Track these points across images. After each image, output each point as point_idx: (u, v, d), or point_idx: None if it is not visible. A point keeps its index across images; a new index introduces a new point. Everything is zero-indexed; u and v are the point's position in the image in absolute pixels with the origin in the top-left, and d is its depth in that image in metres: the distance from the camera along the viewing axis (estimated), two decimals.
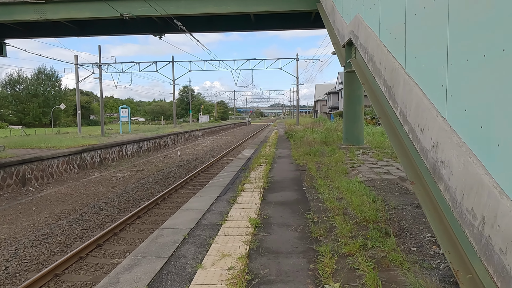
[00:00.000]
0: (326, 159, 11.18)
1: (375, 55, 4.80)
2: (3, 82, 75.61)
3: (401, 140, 4.06)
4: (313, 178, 8.42)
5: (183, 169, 17.73)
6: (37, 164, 14.16)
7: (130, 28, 16.05)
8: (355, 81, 14.24)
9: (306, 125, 29.50)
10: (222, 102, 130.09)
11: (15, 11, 13.43)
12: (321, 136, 17.39)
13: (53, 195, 12.30)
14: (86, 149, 17.70)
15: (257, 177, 8.69)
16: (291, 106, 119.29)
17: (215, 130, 51.39)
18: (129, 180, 15.08)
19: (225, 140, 37.08)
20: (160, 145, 28.43)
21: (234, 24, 15.63)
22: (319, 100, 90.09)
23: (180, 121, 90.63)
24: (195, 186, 13.80)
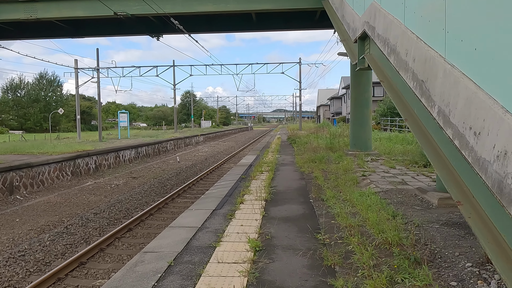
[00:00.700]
0: (333, 167, 10.36)
1: (400, 45, 4.00)
2: (4, 87, 75.32)
3: (437, 148, 3.24)
4: (321, 189, 7.60)
5: (182, 176, 16.92)
6: (26, 171, 13.39)
7: (126, 29, 15.36)
8: (362, 83, 13.47)
9: (309, 130, 28.68)
10: (224, 107, 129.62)
11: (4, 10, 12.75)
12: (326, 142, 16.57)
13: (40, 205, 11.51)
14: (80, 155, 16.94)
15: (258, 187, 7.88)
16: (293, 112, 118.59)
17: (217, 136, 50.65)
18: (124, 188, 14.28)
19: (226, 145, 36.29)
20: (159, 151, 27.66)
21: (234, 24, 14.90)
22: (321, 105, 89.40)
23: (182, 126, 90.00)
24: (193, 195, 12.99)
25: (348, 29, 7.02)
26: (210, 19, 14.89)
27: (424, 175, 8.70)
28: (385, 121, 30.38)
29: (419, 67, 3.43)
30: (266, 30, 15.36)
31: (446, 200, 5.78)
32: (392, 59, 4.27)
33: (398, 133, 22.35)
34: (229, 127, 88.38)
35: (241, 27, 15.01)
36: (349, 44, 7.55)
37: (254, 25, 14.90)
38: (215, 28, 15.20)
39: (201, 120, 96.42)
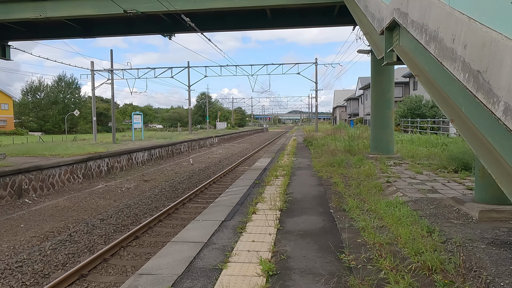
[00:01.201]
0: (353, 172, 9.63)
1: (443, 30, 3.31)
2: (24, 89, 76.75)
3: (501, 160, 2.54)
4: (341, 197, 6.90)
5: (194, 180, 16.42)
6: (35, 174, 13.08)
7: (137, 28, 14.95)
8: (384, 82, 12.67)
9: (326, 132, 27.87)
10: (239, 109, 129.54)
11: (14, 10, 12.49)
12: (345, 144, 15.79)
13: (48, 209, 11.14)
14: (92, 157, 16.62)
15: (272, 194, 7.24)
16: (309, 113, 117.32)
17: (232, 137, 50.18)
18: (134, 191, 13.84)
19: (241, 147, 35.75)
20: (173, 153, 27.30)
21: (248, 21, 14.30)
22: (338, 107, 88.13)
23: (198, 128, 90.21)
24: (205, 199, 12.45)
25: (373, 20, 6.32)
26: (223, 16, 14.34)
27: (455, 182, 7.90)
28: (405, 122, 29.30)
29: (473, 54, 2.74)
30: (281, 28, 14.72)
31: (489, 213, 5.02)
32: (432, 48, 3.57)
33: (420, 135, 21.35)
34: (244, 128, 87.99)
35: (255, 25, 14.41)
36: (373, 37, 6.85)
37: (269, 22, 14.27)
38: (228, 26, 14.64)
39: (216, 122, 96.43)
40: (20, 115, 74.94)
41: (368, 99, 51.09)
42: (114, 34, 15.25)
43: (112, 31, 15.13)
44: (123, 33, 15.23)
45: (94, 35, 15.16)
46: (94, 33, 15.11)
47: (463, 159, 9.30)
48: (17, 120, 74.41)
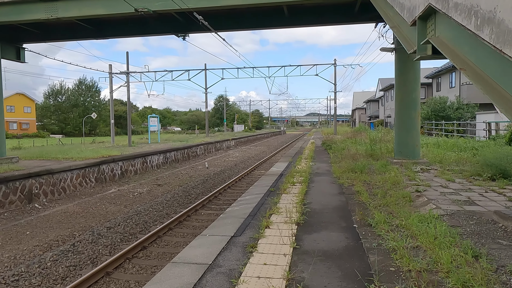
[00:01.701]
0: (378, 179, 8.86)
1: (503, 8, 2.60)
2: (46, 93, 78.44)
3: None
4: (366, 208, 6.19)
5: (208, 184, 15.89)
6: (46, 178, 12.80)
7: (150, 28, 14.57)
8: (409, 81, 11.85)
9: (345, 135, 26.95)
10: (257, 111, 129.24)
11: (25, 11, 12.28)
12: (366, 148, 14.96)
13: (56, 215, 10.78)
14: (105, 161, 16.32)
15: (288, 204, 6.58)
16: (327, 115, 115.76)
17: (249, 140, 49.65)
18: (147, 196, 13.40)
19: (257, 150, 35.14)
20: (188, 156, 26.92)
21: (264, 20, 13.69)
22: (357, 109, 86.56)
23: (215, 130, 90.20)
24: (218, 206, 11.88)
25: (402, 10, 5.60)
26: (238, 15, 13.78)
27: (494, 192, 7.06)
28: (429, 124, 28.10)
29: None
30: (299, 26, 14.05)
31: None
32: (486, 33, 2.86)
33: (446, 138, 20.23)
34: (262, 131, 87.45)
35: (271, 23, 13.79)
36: (401, 30, 6.12)
37: (286, 20, 13.63)
38: (243, 25, 14.07)
39: (234, 124, 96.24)
40: (42, 118, 76.55)
41: (389, 101, 49.65)
42: (127, 35, 14.90)
43: (125, 32, 14.79)
44: (136, 34, 14.87)
45: (106, 36, 14.86)
46: (107, 34, 14.79)
47: (500, 165, 8.42)
48: (39, 123, 76.01)
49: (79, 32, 14.90)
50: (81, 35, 15.04)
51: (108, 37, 14.98)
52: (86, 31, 14.74)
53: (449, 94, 30.43)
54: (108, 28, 14.70)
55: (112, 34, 14.89)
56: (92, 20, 14.23)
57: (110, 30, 14.77)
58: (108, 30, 14.76)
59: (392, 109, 47.20)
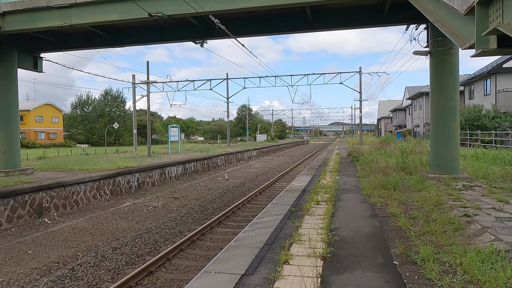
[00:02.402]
0: (415, 197, 7.74)
1: None
2: (73, 103, 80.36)
3: None
4: (406, 237, 5.14)
5: (227, 198, 15.04)
6: (58, 191, 12.28)
7: (167, 35, 14.02)
8: (447, 87, 10.68)
9: (372, 145, 25.60)
10: (279, 120, 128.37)
11: (38, 18, 11.96)
12: (397, 161, 13.74)
13: (64, 231, 10.16)
14: (121, 173, 15.77)
15: (312, 230, 5.61)
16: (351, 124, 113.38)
17: (271, 150, 48.70)
18: (161, 211, 12.67)
19: (280, 161, 34.13)
20: (208, 167, 26.23)
21: (286, 24, 12.85)
22: (383, 118, 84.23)
23: (238, 140, 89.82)
24: (236, 223, 11.00)
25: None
26: (257, 19, 13.01)
27: None
28: (463, 134, 26.38)
29: None
30: (323, 29, 13.13)
31: None
32: None
33: (485, 149, 18.66)
34: (284, 140, 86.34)
35: (293, 27, 12.93)
36: (448, 24, 5.11)
37: (309, 24, 12.74)
38: (263, 30, 13.28)
39: (256, 134, 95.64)
40: (69, 128, 78.29)
41: (417, 110, 47.69)
42: (143, 42, 14.40)
43: (142, 39, 14.29)
44: (153, 41, 14.35)
45: (123, 44, 14.41)
46: (123, 42, 14.34)
47: None
48: (67, 133, 77.75)
49: (96, 40, 14.52)
50: (98, 43, 14.65)
51: (125, 44, 14.53)
52: (102, 39, 14.34)
53: (483, 102, 28.59)
54: (125, 36, 14.25)
55: (129, 42, 14.43)
56: (108, 27, 13.82)
57: (126, 38, 14.31)
58: (125, 37, 14.31)
59: (421, 118, 45.25)
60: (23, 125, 68.83)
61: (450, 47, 10.41)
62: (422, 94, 41.80)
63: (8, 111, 13.86)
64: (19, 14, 12.10)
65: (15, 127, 14.12)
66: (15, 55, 14.10)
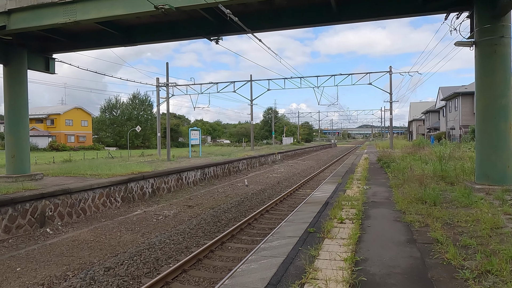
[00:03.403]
0: (461, 216, 6.31)
1: None
2: (102, 107, 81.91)
3: None
4: (460, 279, 3.79)
5: (244, 206, 13.91)
6: (63, 199, 11.54)
7: (180, 32, 13.10)
8: (497, 83, 9.09)
9: (404, 150, 23.75)
10: (306, 123, 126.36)
11: (44, 15, 11.34)
12: (434, 168, 12.14)
13: (63, 244, 9.32)
14: (133, 179, 14.95)
15: (332, 264, 4.36)
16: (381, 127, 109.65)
17: (296, 154, 47.25)
18: (171, 221, 11.69)
19: (305, 165, 32.70)
20: (229, 171, 25.22)
21: (307, 16, 11.59)
22: (414, 120, 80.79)
23: (263, 143, 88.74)
24: (250, 237, 9.84)
25: None
26: (277, 11, 11.83)
27: None
28: None
29: None
30: (349, 21, 11.77)
31: None
32: None
33: None
34: (311, 144, 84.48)
35: (316, 19, 11.65)
36: None
37: (334, 15, 11.42)
38: (283, 23, 12.07)
39: (282, 137, 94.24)
40: (98, 131, 79.77)
41: (452, 111, 44.86)
42: (155, 40, 13.55)
43: (154, 37, 13.45)
44: (165, 39, 13.47)
45: (135, 42, 13.60)
46: (135, 40, 13.54)
47: None
48: (96, 136, 79.22)
49: (107, 40, 13.82)
50: (109, 43, 13.95)
51: (137, 43, 13.72)
52: (113, 38, 13.63)
53: None
54: (136, 34, 13.45)
55: (141, 40, 13.62)
56: (118, 25, 13.09)
57: (138, 36, 13.51)
58: (136, 36, 13.51)
59: (457, 121, 42.45)
60: (54, 129, 70.71)
61: (500, 35, 8.84)
62: (458, 95, 39.19)
63: (17, 115, 13.33)
64: (24, 11, 11.51)
65: (24, 131, 13.57)
66: (24, 56, 13.58)
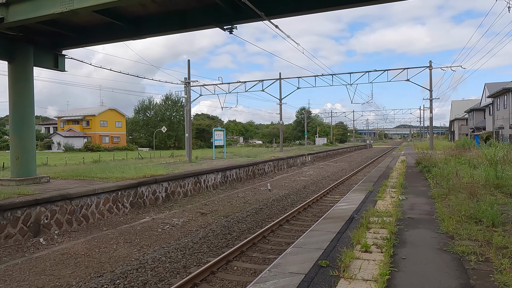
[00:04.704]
0: None
1: None
2: (136, 108, 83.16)
3: None
4: None
5: (262, 215, 12.45)
6: (61, 205, 10.58)
7: (190, 21, 11.88)
8: None
9: (447, 151, 21.31)
10: (341, 123, 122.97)
11: (41, 6, 10.55)
12: (487, 174, 10.10)
13: (49, 259, 8.27)
14: (144, 182, 13.89)
15: None
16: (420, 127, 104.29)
17: (328, 155, 45.13)
18: (177, 232, 10.43)
19: (336, 167, 30.71)
20: (254, 174, 23.81)
21: None
22: (456, 119, 75.78)
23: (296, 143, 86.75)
24: (263, 254, 8.41)
25: None
26: None
27: None
28: None
29: None
30: (378, 1, 10.01)
31: None
32: None
33: None
34: (345, 144, 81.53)
35: (340, 1, 10.00)
36: None
37: None
38: (304, 7, 10.51)
39: (315, 137, 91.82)
40: (132, 132, 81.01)
41: (500, 109, 41.04)
42: (164, 32, 12.41)
43: (163, 28, 12.33)
44: (175, 29, 12.30)
45: (143, 34, 12.53)
46: (143, 32, 12.47)
47: None
48: (130, 137, 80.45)
49: (115, 33, 12.87)
50: (117, 36, 12.98)
51: (145, 35, 12.64)
52: (121, 31, 12.66)
53: None
54: (144, 26, 12.38)
55: (149, 32, 12.52)
56: (125, 16, 12.06)
57: (146, 28, 12.43)
58: (144, 28, 12.44)
59: (506, 119, 38.67)
60: (89, 130, 72.40)
61: None
62: (508, 91, 35.63)
63: (22, 114, 12.58)
64: (23, 3, 10.69)
65: (29, 131, 12.81)
66: (30, 53, 12.83)
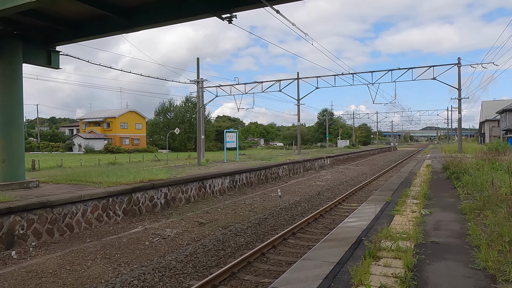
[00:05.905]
0: None
1: None
2: (156, 110, 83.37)
3: None
4: None
5: (266, 226, 11.12)
6: (41, 213, 9.59)
7: (186, 11, 10.77)
8: None
9: (478, 155, 19.30)
10: (364, 125, 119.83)
11: None
12: None
13: (13, 277, 7.23)
14: (140, 188, 12.81)
15: None
16: (447, 129, 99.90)
17: (349, 158, 43.20)
18: (164, 246, 9.24)
19: (356, 171, 28.94)
20: (266, 178, 22.45)
21: None
22: (487, 121, 71.94)
23: (318, 145, 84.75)
24: (256, 277, 7.07)
25: None
26: None
27: None
28: None
29: None
30: None
31: None
32: None
33: None
34: (368, 147, 78.85)
35: None
36: None
37: None
38: None
39: (337, 139, 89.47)
40: (152, 134, 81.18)
41: None
42: (159, 22, 11.31)
43: (158, 18, 11.25)
44: (170, 19, 11.19)
45: (137, 26, 11.50)
46: (136, 24, 11.44)
47: None
48: (150, 139, 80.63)
49: (108, 26, 11.94)
50: (110, 29, 12.03)
51: (139, 27, 11.61)
52: (114, 23, 11.70)
53: None
54: (138, 17, 11.36)
55: (142, 23, 11.48)
56: (120, 8, 11.05)
57: (139, 19, 11.41)
58: (138, 19, 11.41)
59: None
60: (110, 131, 72.85)
61: None
62: None
63: (9, 114, 11.75)
64: None
65: (17, 133, 11.96)
66: (19, 49, 12.01)
